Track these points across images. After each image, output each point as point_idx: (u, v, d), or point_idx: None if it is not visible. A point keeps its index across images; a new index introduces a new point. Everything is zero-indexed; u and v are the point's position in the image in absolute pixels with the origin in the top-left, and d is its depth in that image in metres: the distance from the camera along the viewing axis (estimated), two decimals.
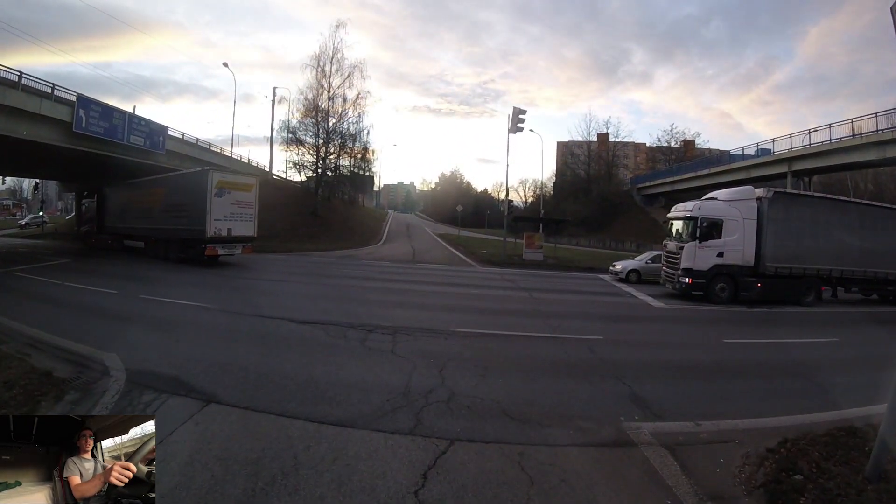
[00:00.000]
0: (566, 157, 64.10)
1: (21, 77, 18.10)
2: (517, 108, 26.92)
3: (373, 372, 6.04)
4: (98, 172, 29.74)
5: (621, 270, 20.05)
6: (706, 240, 14.57)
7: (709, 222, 14.65)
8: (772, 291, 14.61)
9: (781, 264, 14.74)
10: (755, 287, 14.52)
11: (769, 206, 14.73)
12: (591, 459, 3.98)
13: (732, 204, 15.01)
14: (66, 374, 5.57)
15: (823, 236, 15.20)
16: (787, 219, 14.89)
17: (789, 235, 14.88)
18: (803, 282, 14.95)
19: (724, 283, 14.54)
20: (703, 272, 14.50)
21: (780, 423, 4.82)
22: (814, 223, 15.15)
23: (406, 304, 11.69)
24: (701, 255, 14.54)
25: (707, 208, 15.10)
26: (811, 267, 15.03)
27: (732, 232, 14.60)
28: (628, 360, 7.32)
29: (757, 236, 14.73)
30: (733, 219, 14.67)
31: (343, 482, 3.41)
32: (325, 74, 37.92)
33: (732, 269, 14.57)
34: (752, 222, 14.69)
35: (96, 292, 11.61)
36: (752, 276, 14.63)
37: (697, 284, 14.51)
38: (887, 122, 23.85)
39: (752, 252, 14.66)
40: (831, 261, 15.23)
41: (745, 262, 14.62)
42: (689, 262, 14.66)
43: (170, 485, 3.27)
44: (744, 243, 14.60)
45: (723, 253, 14.52)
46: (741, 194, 15.37)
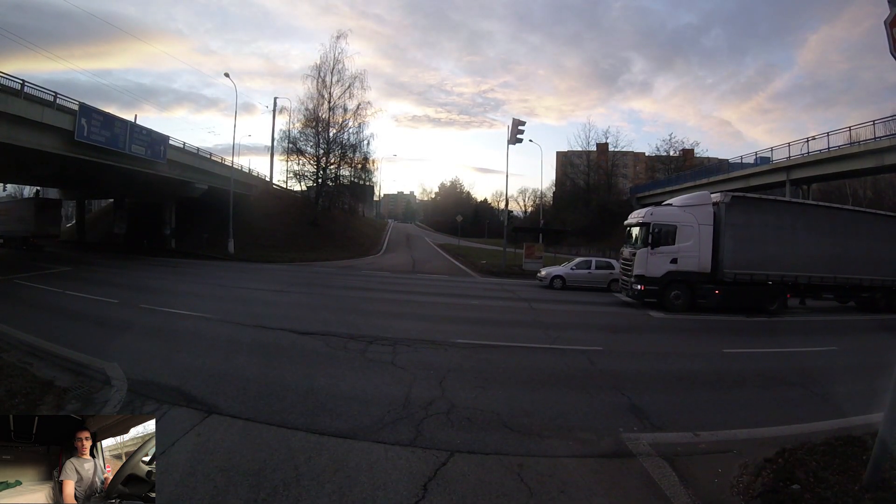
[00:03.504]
0: (566, 167, 64.51)
1: (24, 85, 18.28)
2: (516, 120, 27.20)
3: (373, 383, 6.06)
4: (99, 181, 29.98)
5: (545, 276, 19.87)
6: (658, 246, 14.31)
7: (661, 228, 14.40)
8: (732, 299, 14.21)
9: (741, 271, 14.27)
10: (713, 294, 14.17)
11: (727, 212, 14.28)
12: (591, 471, 4.00)
13: (687, 209, 14.72)
14: (67, 384, 5.60)
15: (789, 242, 14.66)
16: (747, 224, 14.39)
17: (750, 241, 14.37)
18: (767, 289, 14.48)
19: (679, 290, 14.21)
20: (656, 279, 14.25)
21: (778, 432, 4.84)
22: (778, 228, 14.63)
23: (406, 314, 11.72)
24: (653, 261, 14.30)
25: (660, 214, 14.93)
26: (775, 274, 14.51)
27: (687, 238, 14.31)
28: (627, 370, 7.34)
29: (714, 242, 14.36)
30: (688, 224, 14.37)
31: (344, 493, 3.43)
32: (326, 85, 38.42)
33: (688, 276, 14.24)
34: (709, 228, 14.35)
35: (97, 301, 11.65)
36: (709, 283, 14.25)
37: (650, 291, 14.29)
38: (885, 129, 24.00)
39: (708, 258, 14.30)
40: (798, 267, 14.67)
41: (701, 269, 14.27)
42: (642, 269, 14.43)
43: (172, 495, 3.29)
44: (699, 249, 14.27)
45: (677, 259, 14.24)
46: (697, 199, 15.12)
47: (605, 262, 20.31)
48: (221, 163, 34.16)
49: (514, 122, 27.15)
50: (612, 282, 19.02)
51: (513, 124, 27.15)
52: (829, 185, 38.47)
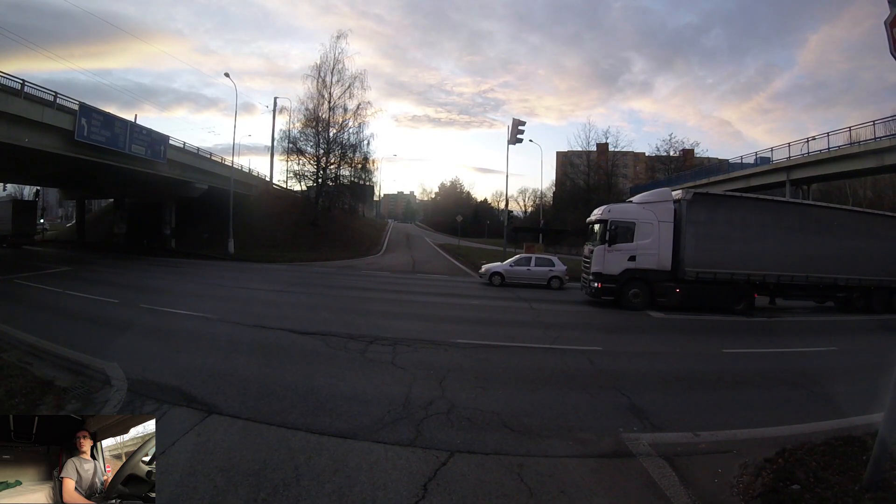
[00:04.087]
0: (566, 167, 64.52)
1: (24, 85, 18.29)
2: (516, 120, 27.19)
3: (373, 383, 6.06)
4: (99, 181, 29.98)
5: (485, 273, 19.99)
6: (616, 243, 14.19)
7: (619, 225, 14.29)
8: (694, 298, 14.01)
9: (704, 269, 14.02)
10: (673, 293, 13.98)
11: (688, 209, 14.07)
12: (591, 471, 4.00)
13: (647, 206, 14.58)
14: (67, 384, 5.60)
15: (756, 240, 14.32)
16: (710, 221, 14.15)
17: (714, 239, 14.12)
18: (732, 288, 14.22)
19: (638, 288, 14.08)
20: (613, 276, 14.14)
21: (778, 432, 4.84)
22: (743, 225, 14.31)
23: (406, 314, 11.72)
24: (610, 258, 14.19)
25: (618, 211, 14.87)
26: (740, 272, 14.20)
27: (646, 235, 14.15)
28: (627, 370, 7.34)
29: (675, 240, 14.19)
30: (647, 221, 14.23)
31: (344, 494, 3.43)
32: (326, 85, 38.40)
33: (647, 274, 14.09)
34: (669, 225, 14.20)
35: (97, 301, 11.65)
36: (669, 282, 14.06)
37: (608, 289, 14.19)
38: (885, 129, 23.98)
39: (668, 256, 14.14)
40: (766, 266, 14.36)
41: (660, 267, 14.10)
42: (599, 267, 14.36)
43: (172, 495, 3.29)
44: (659, 247, 14.11)
45: (635, 257, 14.12)
46: (657, 196, 15.00)
47: (545, 259, 20.38)
48: (221, 163, 34.17)
49: (514, 122, 27.15)
50: (553, 278, 19.24)
51: (513, 124, 27.15)
52: (829, 185, 38.45)
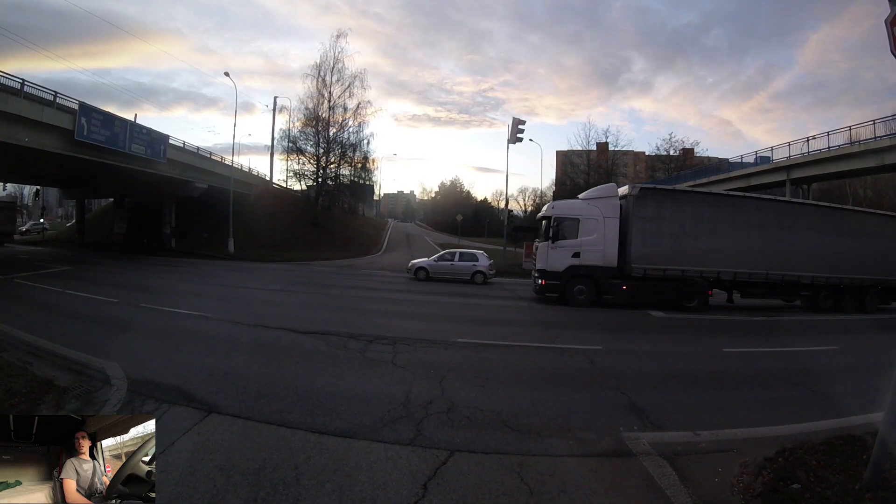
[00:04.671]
0: (566, 167, 64.42)
1: (23, 84, 18.27)
2: (516, 119, 27.18)
3: (373, 382, 6.06)
4: (99, 181, 29.98)
5: (411, 268, 20.41)
6: (559, 239, 14.10)
7: (562, 221, 14.22)
8: (642, 295, 13.88)
9: (652, 266, 13.79)
10: (620, 290, 13.84)
11: (635, 204, 13.85)
12: (591, 470, 4.00)
13: (592, 202, 14.46)
14: (67, 383, 5.60)
15: (708, 235, 13.97)
16: (658, 217, 13.89)
17: (662, 234, 13.86)
18: (684, 285, 13.96)
19: (583, 284, 13.95)
20: (557, 273, 14.02)
21: (778, 431, 4.84)
22: (696, 221, 13.99)
23: (406, 314, 11.72)
24: (554, 255, 14.09)
25: (562, 207, 14.85)
26: (692, 269, 13.93)
27: (590, 231, 13.99)
28: (627, 369, 7.33)
29: (621, 236, 14.02)
30: (592, 217, 14.06)
31: (344, 493, 3.43)
32: (326, 84, 38.34)
33: (592, 271, 13.92)
34: (615, 221, 14.02)
35: (97, 300, 11.65)
36: (616, 278, 13.90)
37: (552, 286, 14.11)
38: (885, 129, 23.99)
39: (614, 252, 13.97)
40: (721, 262, 14.04)
41: (606, 263, 13.91)
42: (543, 263, 14.30)
43: (171, 494, 3.29)
44: (604, 243, 13.93)
45: (579, 253, 13.98)
46: (602, 192, 14.87)
47: (469, 254, 20.56)
48: (221, 162, 34.13)
49: (514, 122, 27.14)
50: (476, 273, 19.57)
51: (513, 123, 27.14)
52: (829, 184, 38.47)
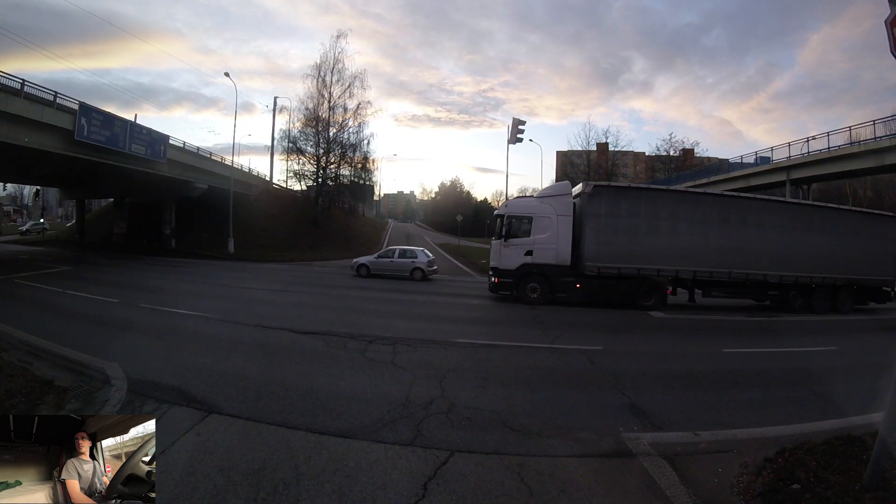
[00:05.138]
0: (566, 167, 64.28)
1: (24, 85, 18.27)
2: (517, 119, 27.17)
3: (373, 383, 6.06)
4: (99, 181, 29.98)
5: (354, 265, 21.08)
6: (512, 238, 14.04)
7: (515, 220, 14.20)
8: (597, 293, 13.77)
9: (606, 264, 13.64)
10: (574, 288, 13.75)
11: (589, 202, 13.73)
12: (591, 470, 4.00)
13: (545, 200, 14.38)
14: (67, 384, 5.60)
15: (666, 233, 13.79)
16: (613, 214, 13.74)
17: (617, 232, 13.71)
18: (640, 283, 13.86)
19: (537, 283, 13.85)
20: (510, 271, 13.96)
21: (778, 432, 4.85)
22: (652, 218, 13.81)
23: (406, 314, 11.71)
24: (507, 253, 14.04)
25: (515, 205, 14.90)
26: (648, 267, 13.76)
27: (544, 230, 13.91)
28: (627, 370, 7.32)
29: (575, 234, 13.95)
30: (545, 216, 13.98)
31: (344, 493, 3.43)
32: (326, 84, 38.33)
33: (545, 269, 13.83)
34: (568, 219, 13.94)
35: (97, 301, 11.66)
36: (570, 277, 13.81)
37: (505, 284, 14.07)
38: (885, 129, 24.00)
39: (567, 251, 13.87)
40: (679, 260, 13.81)
41: (559, 262, 13.82)
42: (496, 261, 14.31)
43: (171, 495, 3.29)
44: (557, 241, 13.85)
45: (532, 251, 13.89)
46: (556, 189, 14.87)
47: (409, 252, 21.16)
48: (221, 162, 34.15)
49: (514, 122, 27.13)
50: (415, 270, 20.04)
51: (513, 124, 27.14)
52: (829, 184, 38.48)
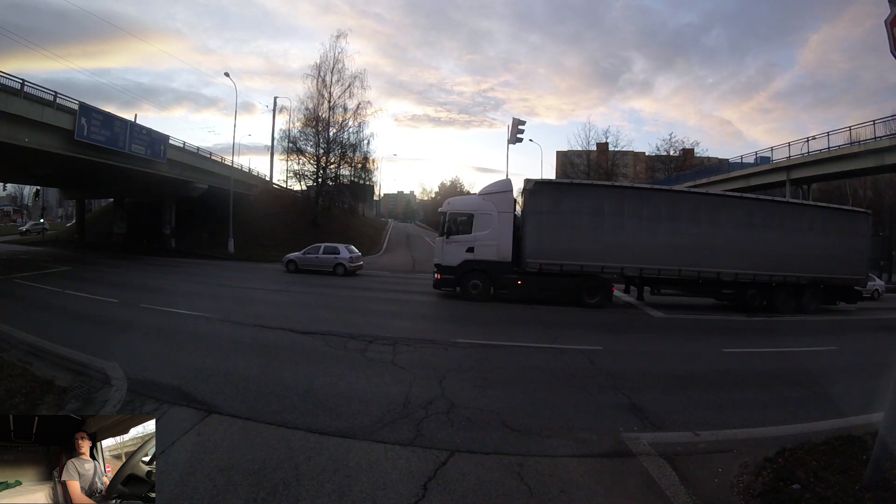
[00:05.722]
0: (566, 167, 64.24)
1: (24, 85, 18.23)
2: (516, 119, 27.13)
3: (373, 383, 6.06)
4: (99, 181, 29.96)
5: (284, 260, 22.31)
6: (453, 234, 14.20)
7: (456, 217, 14.35)
8: (539, 290, 13.82)
9: (548, 261, 13.59)
10: (515, 285, 13.84)
11: (530, 198, 13.80)
12: (591, 470, 4.00)
13: (487, 197, 14.48)
14: (67, 383, 5.61)
15: (611, 230, 13.63)
16: (555, 211, 13.66)
17: (559, 229, 13.63)
18: (584, 280, 13.80)
19: (478, 279, 13.96)
20: (452, 268, 14.09)
21: (778, 432, 4.85)
22: (596, 215, 13.66)
23: (406, 314, 11.73)
24: (449, 250, 14.18)
25: (456, 203, 15.06)
26: (592, 264, 13.64)
27: (484, 226, 13.97)
28: (627, 370, 7.33)
29: (517, 231, 13.98)
30: (486, 213, 14.06)
31: (344, 493, 3.43)
32: (326, 84, 38.22)
33: (486, 265, 13.91)
34: (509, 216, 14.02)
35: (97, 301, 11.66)
36: (511, 273, 13.89)
37: (447, 280, 14.21)
38: (885, 129, 24.00)
39: (508, 247, 13.91)
40: (624, 257, 13.69)
41: (500, 258, 13.88)
42: (438, 258, 14.47)
43: (171, 494, 3.29)
44: (498, 238, 13.89)
45: (473, 248, 13.98)
46: (498, 187, 14.83)
47: (332, 248, 22.12)
48: (221, 162, 34.12)
49: (514, 122, 27.10)
50: (337, 265, 21.04)
51: (513, 124, 27.11)
52: (829, 184, 38.46)
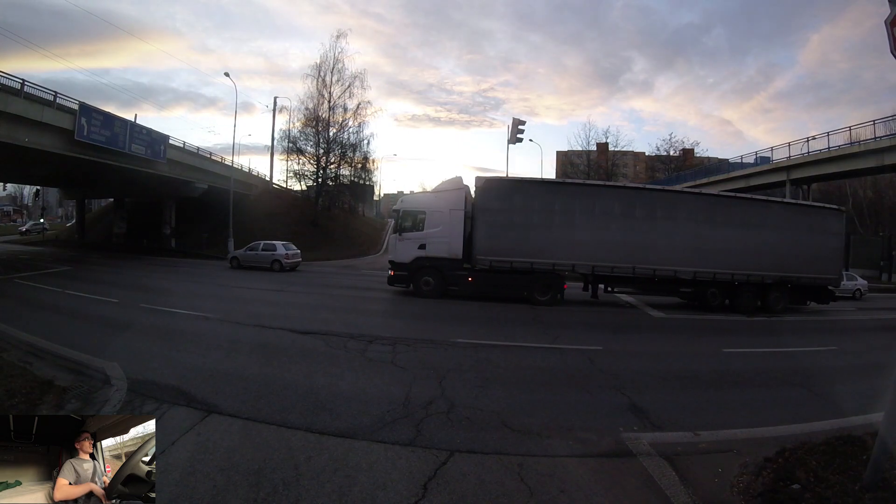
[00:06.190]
0: (566, 167, 64.19)
1: (24, 85, 18.27)
2: (517, 119, 27.10)
3: (373, 383, 6.06)
4: (99, 181, 30.00)
5: (228, 256, 23.81)
6: (406, 231, 14.41)
7: (408, 214, 14.58)
8: (489, 287, 13.93)
9: (498, 258, 13.70)
10: (466, 282, 13.98)
11: (480, 196, 13.92)
12: (591, 470, 4.00)
13: (439, 195, 14.74)
14: (67, 384, 5.60)
15: (562, 226, 13.64)
16: (506, 209, 13.71)
17: (509, 226, 13.70)
18: (535, 278, 13.80)
19: (430, 276, 14.13)
20: (405, 264, 14.30)
21: (778, 432, 4.84)
22: (547, 212, 13.70)
23: (405, 314, 11.72)
24: (402, 247, 14.39)
25: (409, 201, 15.25)
26: (542, 262, 13.64)
27: (436, 224, 14.16)
28: (627, 370, 7.32)
29: (467, 228, 14.12)
30: (438, 210, 14.24)
31: (344, 493, 3.43)
32: (326, 84, 38.24)
33: (438, 262, 14.10)
34: (460, 213, 14.13)
35: (97, 301, 11.66)
36: (462, 270, 14.05)
37: (400, 277, 14.43)
38: (885, 129, 24.01)
39: (459, 244, 14.06)
40: (576, 255, 13.66)
41: (451, 255, 14.05)
42: (392, 255, 14.74)
43: (171, 495, 3.29)
44: (450, 235, 14.05)
45: (425, 245, 14.16)
46: (450, 185, 15.05)
47: (270, 245, 22.88)
48: (221, 162, 34.13)
49: (514, 122, 27.08)
50: (274, 261, 21.95)
51: (513, 124, 27.09)
52: (829, 184, 38.49)
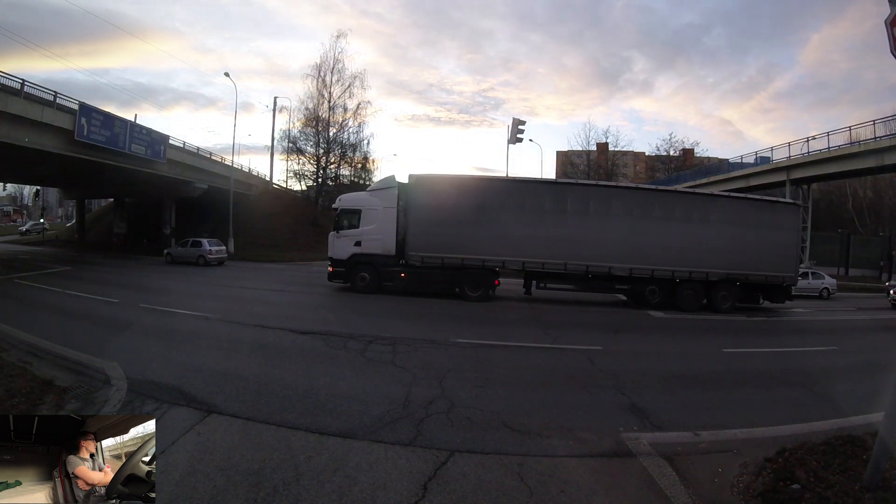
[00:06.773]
0: (566, 167, 64.25)
1: (24, 85, 18.26)
2: (517, 119, 27.17)
3: (373, 383, 6.06)
4: (99, 181, 29.98)
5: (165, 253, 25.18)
6: (342, 229, 14.73)
7: (344, 212, 14.90)
8: (421, 283, 14.18)
9: (430, 254, 13.99)
10: (399, 278, 14.25)
11: (412, 193, 14.25)
12: (591, 470, 3.99)
13: (374, 193, 15.08)
14: (67, 384, 5.60)
15: (492, 222, 13.77)
16: (436, 205, 13.90)
17: (441, 223, 13.92)
18: (465, 274, 14.05)
19: (366, 272, 14.45)
20: (342, 261, 14.61)
21: (778, 432, 4.83)
22: (477, 208, 13.82)
23: (405, 314, 11.71)
24: (339, 244, 14.71)
25: (347, 199, 15.52)
26: (472, 258, 13.87)
27: (371, 221, 14.48)
28: (627, 370, 7.32)
29: (400, 225, 14.45)
30: (373, 208, 14.57)
31: (344, 493, 3.43)
32: (326, 84, 38.36)
33: (373, 259, 14.43)
34: (392, 210, 14.46)
35: (97, 301, 11.67)
36: (395, 267, 14.38)
37: (338, 273, 14.77)
38: (885, 129, 24.02)
39: (392, 241, 14.40)
40: (506, 251, 13.85)
41: (385, 252, 14.39)
42: (331, 252, 14.98)
43: (171, 495, 3.29)
44: (384, 232, 14.37)
45: (360, 242, 14.50)
46: (384, 183, 15.38)
47: (196, 242, 24.45)
48: (221, 162, 34.13)
49: (514, 122, 27.12)
50: (199, 257, 23.48)
51: (513, 124, 27.12)
52: (829, 184, 38.50)
